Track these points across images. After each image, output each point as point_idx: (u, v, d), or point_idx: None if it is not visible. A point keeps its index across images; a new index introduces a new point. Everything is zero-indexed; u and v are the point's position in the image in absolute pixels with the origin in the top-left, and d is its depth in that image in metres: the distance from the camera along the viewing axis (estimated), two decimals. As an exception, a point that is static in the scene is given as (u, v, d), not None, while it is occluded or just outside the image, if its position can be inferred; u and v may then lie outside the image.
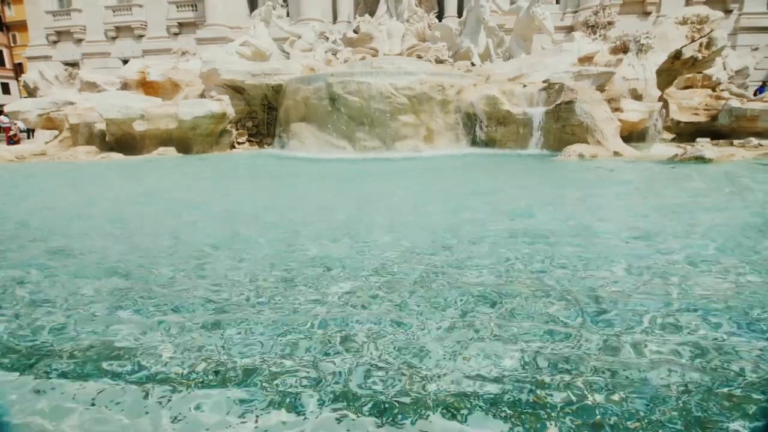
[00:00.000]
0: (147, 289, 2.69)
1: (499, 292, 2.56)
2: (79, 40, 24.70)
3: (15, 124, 17.99)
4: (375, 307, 2.41)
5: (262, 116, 12.69)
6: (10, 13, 40.14)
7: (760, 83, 18.48)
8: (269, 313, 2.35)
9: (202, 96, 12.51)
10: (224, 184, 7.40)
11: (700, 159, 7.95)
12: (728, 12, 19.12)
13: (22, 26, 33.21)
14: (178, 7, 23.56)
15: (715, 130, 11.83)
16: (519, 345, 1.97)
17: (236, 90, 12.19)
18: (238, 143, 12.51)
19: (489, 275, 2.82)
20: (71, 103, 12.84)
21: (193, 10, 23.29)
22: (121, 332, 2.17)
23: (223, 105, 11.72)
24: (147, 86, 13.56)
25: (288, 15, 21.34)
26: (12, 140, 17.79)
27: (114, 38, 24.41)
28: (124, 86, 13.93)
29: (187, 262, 3.19)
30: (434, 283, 2.72)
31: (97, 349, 2.02)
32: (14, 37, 40.49)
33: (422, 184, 7.00)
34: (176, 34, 23.54)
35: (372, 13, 16.79)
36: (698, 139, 10.78)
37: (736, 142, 10.51)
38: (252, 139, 12.77)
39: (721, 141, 10.82)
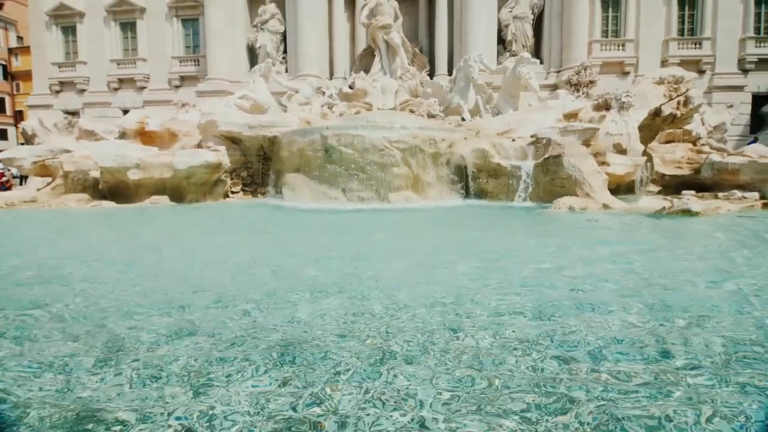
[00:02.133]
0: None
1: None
2: (82, 90, 25.42)
3: (9, 170, 18.07)
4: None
5: (257, 166, 12.88)
6: (17, 63, 41.87)
7: (753, 138, 19.32)
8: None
9: (198, 146, 12.73)
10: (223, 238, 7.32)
11: (687, 212, 8.11)
12: (701, 72, 20.39)
13: (26, 75, 34.41)
14: (180, 62, 24.58)
15: (699, 182, 12.18)
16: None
17: (233, 141, 12.46)
18: (232, 192, 12.58)
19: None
20: (68, 151, 12.94)
21: (195, 65, 24.29)
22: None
23: (219, 155, 11.90)
24: (145, 136, 13.80)
25: (287, 71, 22.38)
26: (4, 186, 17.79)
27: (116, 89, 25.18)
28: (122, 135, 14.16)
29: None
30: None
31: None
32: (17, 85, 41.84)
33: (414, 236, 6.99)
34: (177, 87, 24.37)
35: (367, 71, 17.63)
36: (683, 192, 11.05)
37: (720, 194, 10.80)
38: (246, 188, 12.87)
39: (705, 193, 11.11)
